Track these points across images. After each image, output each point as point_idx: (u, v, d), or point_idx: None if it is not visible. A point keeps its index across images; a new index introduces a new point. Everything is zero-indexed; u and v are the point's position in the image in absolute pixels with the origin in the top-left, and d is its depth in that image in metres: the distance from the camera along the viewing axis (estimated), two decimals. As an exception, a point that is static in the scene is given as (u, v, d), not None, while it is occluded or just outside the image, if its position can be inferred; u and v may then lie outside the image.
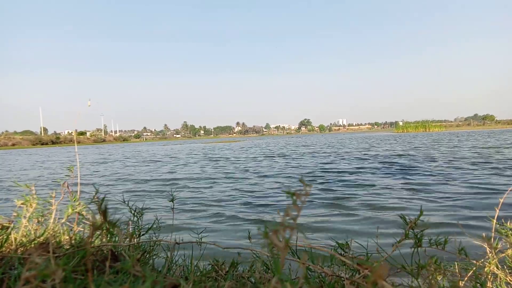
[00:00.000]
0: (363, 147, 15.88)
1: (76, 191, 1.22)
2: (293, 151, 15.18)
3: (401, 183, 5.21)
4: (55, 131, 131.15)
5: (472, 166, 6.89)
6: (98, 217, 0.54)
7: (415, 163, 7.88)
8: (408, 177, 5.81)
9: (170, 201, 1.35)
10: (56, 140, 67.60)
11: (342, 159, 9.89)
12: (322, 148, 16.68)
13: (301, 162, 9.54)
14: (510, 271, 0.94)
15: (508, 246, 0.94)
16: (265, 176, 6.86)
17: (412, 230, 0.80)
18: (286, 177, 6.68)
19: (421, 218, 0.84)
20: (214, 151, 19.28)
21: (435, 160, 8.35)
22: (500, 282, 0.91)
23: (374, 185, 5.13)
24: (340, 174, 6.51)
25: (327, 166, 8.16)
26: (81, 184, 1.22)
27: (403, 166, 7.31)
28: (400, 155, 10.19)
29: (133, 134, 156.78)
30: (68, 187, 1.25)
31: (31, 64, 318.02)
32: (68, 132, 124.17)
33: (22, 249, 0.93)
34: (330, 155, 11.86)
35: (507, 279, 0.91)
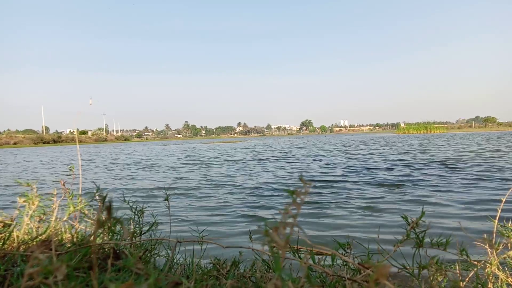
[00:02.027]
0: (352, 149, 15.79)
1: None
2: (280, 154, 14.83)
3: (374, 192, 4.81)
4: (56, 130, 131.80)
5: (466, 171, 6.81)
6: (102, 214, 0.55)
7: (398, 168, 7.60)
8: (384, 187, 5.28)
9: (165, 199, 1.36)
10: (57, 139, 67.75)
11: (323, 165, 9.27)
12: (312, 151, 16.42)
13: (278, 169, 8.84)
14: (511, 272, 0.93)
15: (510, 247, 0.94)
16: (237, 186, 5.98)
17: (413, 230, 0.80)
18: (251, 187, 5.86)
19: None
20: (201, 151, 18.90)
21: (423, 169, 7.85)
22: (501, 283, 0.91)
23: (338, 199, 4.49)
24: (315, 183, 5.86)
25: (303, 172, 7.59)
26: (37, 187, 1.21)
27: (386, 173, 6.88)
28: (386, 160, 9.76)
29: (135, 133, 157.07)
30: (64, 185, 1.26)
31: (33, 63, 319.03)
32: (69, 131, 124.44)
33: (24, 247, 0.94)
34: (310, 158, 11.65)
35: (508, 280, 0.91)
